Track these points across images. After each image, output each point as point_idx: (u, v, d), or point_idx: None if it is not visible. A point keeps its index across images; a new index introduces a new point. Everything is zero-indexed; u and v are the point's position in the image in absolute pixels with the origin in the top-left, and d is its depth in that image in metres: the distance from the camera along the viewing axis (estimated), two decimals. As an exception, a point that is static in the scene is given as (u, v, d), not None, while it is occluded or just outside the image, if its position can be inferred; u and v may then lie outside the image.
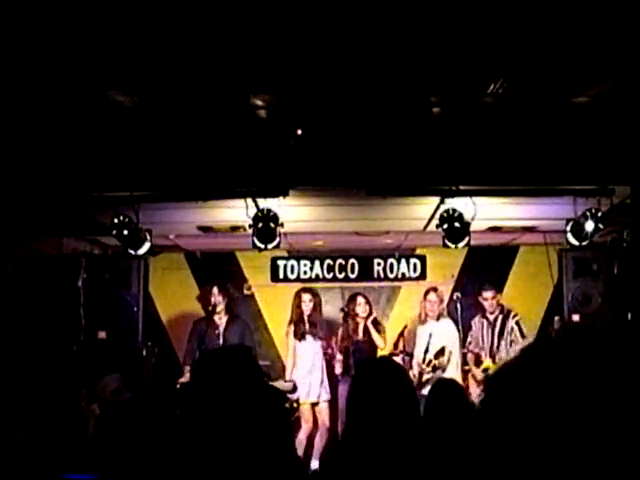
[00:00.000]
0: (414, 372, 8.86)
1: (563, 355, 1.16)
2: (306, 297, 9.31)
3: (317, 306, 9.36)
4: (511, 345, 9.05)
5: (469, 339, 9.35)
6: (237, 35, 4.97)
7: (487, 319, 9.27)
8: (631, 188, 6.68)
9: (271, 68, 5.48)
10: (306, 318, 9.24)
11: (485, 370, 9.05)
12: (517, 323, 9.13)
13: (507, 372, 1.21)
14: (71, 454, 6.58)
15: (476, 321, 9.38)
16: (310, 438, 9.06)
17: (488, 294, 9.23)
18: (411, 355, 9.25)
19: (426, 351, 8.81)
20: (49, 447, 6.48)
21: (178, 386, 8.51)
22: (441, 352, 8.84)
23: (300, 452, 8.85)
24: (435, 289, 9.44)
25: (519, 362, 1.20)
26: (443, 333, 9.08)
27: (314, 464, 8.77)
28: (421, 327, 9.41)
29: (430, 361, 8.81)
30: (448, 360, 8.94)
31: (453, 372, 8.81)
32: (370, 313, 9.31)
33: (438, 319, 9.24)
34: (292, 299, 9.44)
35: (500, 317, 9.21)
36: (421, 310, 9.45)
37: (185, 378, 8.79)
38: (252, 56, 5.25)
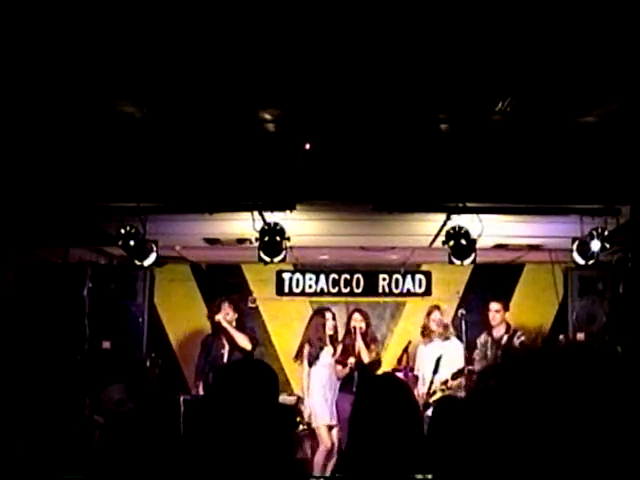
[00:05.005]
0: (420, 391, 8.69)
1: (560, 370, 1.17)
2: (329, 316, 9.23)
3: (336, 327, 9.30)
4: None
5: (474, 357, 9.26)
6: (246, 49, 4.99)
7: (492, 337, 9.16)
8: (631, 207, 6.68)
9: (280, 82, 5.50)
10: (327, 338, 9.14)
11: None
12: (522, 345, 9.03)
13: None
14: (74, 463, 6.57)
15: (482, 338, 9.23)
16: (325, 459, 8.93)
17: (495, 306, 9.16)
18: (413, 371, 9.11)
19: (435, 372, 8.61)
20: (51, 456, 6.47)
21: (181, 400, 8.49)
22: (460, 373, 8.65)
23: (316, 473, 8.77)
24: (438, 307, 9.30)
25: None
26: (454, 354, 8.91)
27: None
28: (424, 347, 9.24)
29: (447, 381, 8.64)
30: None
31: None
32: (366, 329, 9.19)
33: (445, 339, 9.10)
34: (311, 318, 9.33)
35: (505, 337, 9.09)
36: (426, 329, 9.28)
37: (194, 393, 8.73)
38: (261, 70, 5.27)
